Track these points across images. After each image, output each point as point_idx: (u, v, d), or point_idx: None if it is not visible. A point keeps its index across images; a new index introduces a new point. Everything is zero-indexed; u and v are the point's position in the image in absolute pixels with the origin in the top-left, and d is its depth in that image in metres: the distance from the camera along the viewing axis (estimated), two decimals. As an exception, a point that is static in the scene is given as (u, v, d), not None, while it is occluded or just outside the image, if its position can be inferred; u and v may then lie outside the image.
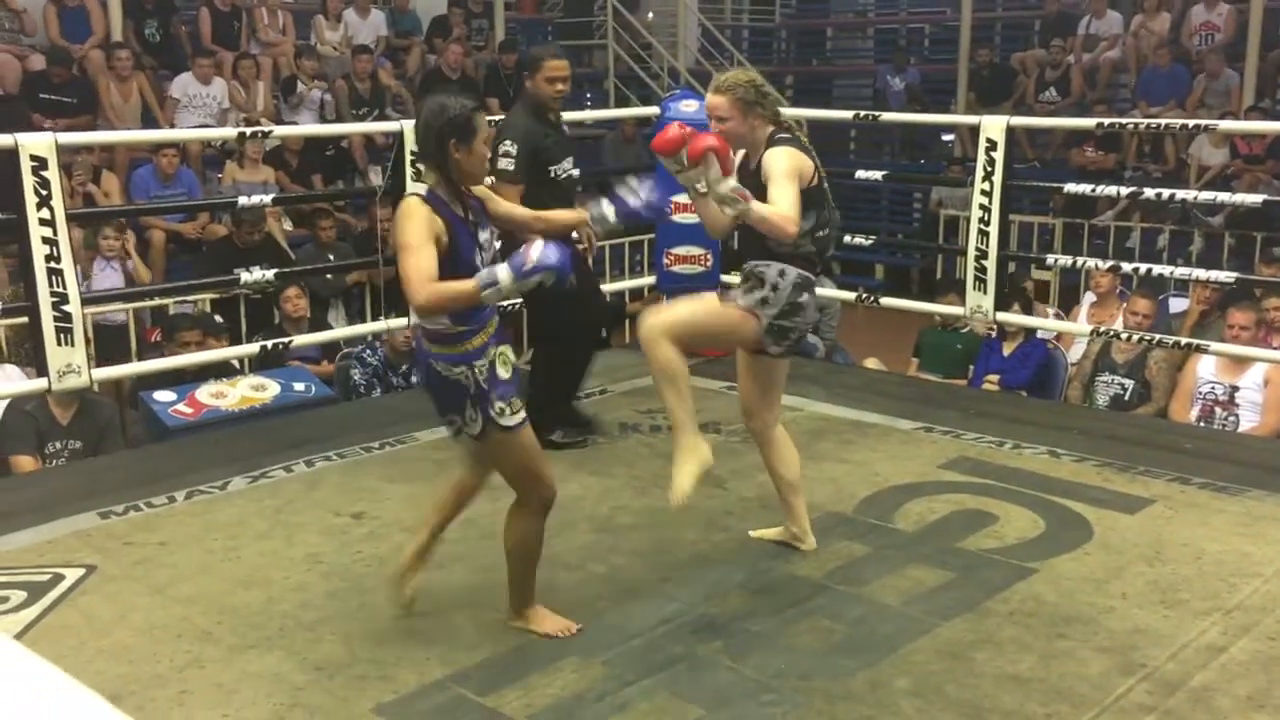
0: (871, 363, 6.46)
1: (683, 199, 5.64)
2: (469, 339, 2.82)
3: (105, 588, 3.32)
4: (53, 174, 4.04)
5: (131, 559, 3.51)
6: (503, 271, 2.68)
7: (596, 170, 9.88)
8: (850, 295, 6.20)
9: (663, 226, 5.74)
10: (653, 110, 6.28)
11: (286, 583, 3.34)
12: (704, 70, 12.20)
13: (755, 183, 3.14)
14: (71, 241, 4.23)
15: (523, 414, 2.90)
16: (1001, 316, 5.33)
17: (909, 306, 6.14)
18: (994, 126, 5.01)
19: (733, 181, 3.02)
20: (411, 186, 4.93)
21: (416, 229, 2.71)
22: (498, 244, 2.96)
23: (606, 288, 7.03)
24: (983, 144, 5.01)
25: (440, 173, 2.81)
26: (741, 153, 3.28)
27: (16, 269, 6.23)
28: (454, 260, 2.75)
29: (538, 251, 2.68)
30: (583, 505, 3.93)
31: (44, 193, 4.01)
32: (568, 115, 9.06)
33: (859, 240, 6.37)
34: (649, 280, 6.43)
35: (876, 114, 6.53)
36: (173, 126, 8.33)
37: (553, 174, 4.41)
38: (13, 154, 4.00)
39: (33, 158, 4.00)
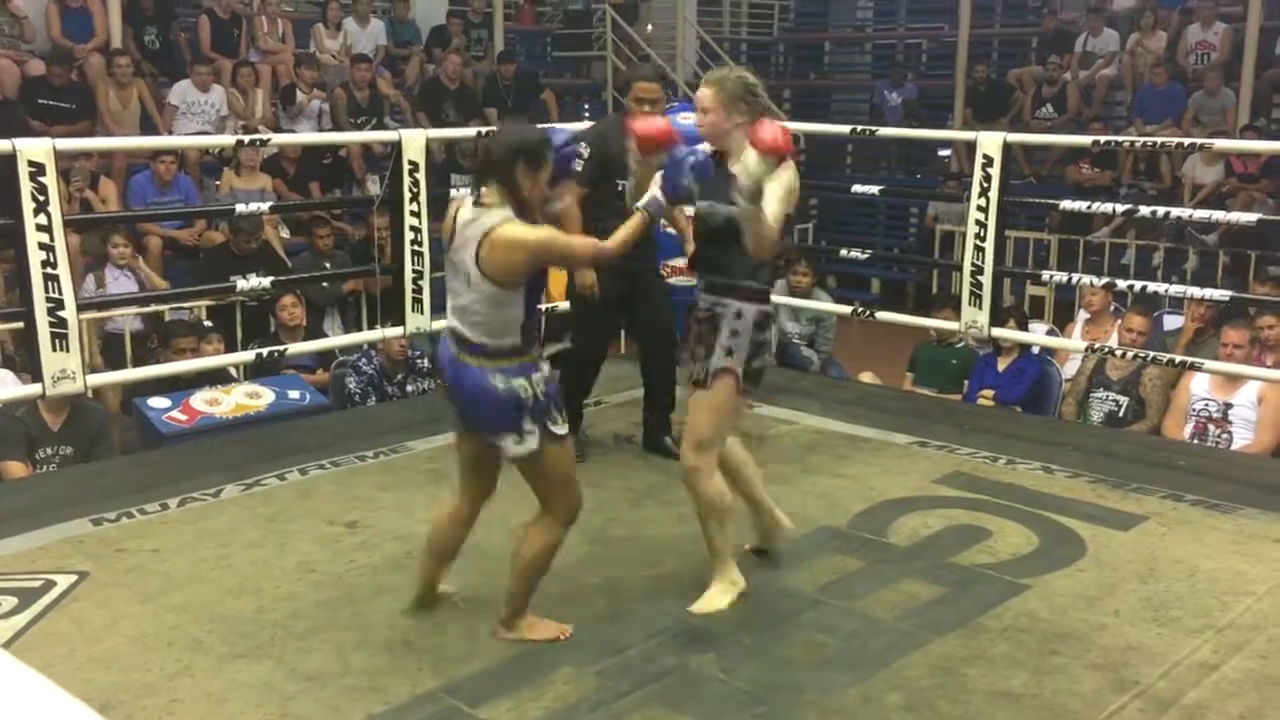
0: (867, 377, 6.47)
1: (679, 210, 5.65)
2: (533, 348, 2.89)
3: (97, 595, 3.30)
4: (50, 180, 4.04)
5: (123, 566, 3.50)
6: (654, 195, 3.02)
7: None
8: (846, 309, 6.20)
9: (661, 237, 5.72)
10: (651, 122, 6.28)
11: (278, 592, 3.33)
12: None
13: (725, 187, 3.09)
14: (69, 247, 4.23)
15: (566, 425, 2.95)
16: (997, 332, 5.34)
17: (905, 321, 6.14)
18: (991, 143, 5.02)
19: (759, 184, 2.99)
20: (407, 194, 4.94)
21: (533, 229, 2.81)
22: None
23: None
24: (979, 160, 5.02)
25: (511, 194, 2.84)
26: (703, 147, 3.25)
27: (12, 275, 6.24)
28: (532, 283, 2.86)
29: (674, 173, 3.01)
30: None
31: (41, 198, 4.01)
32: (563, 128, 9.15)
33: (855, 254, 6.37)
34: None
35: (874, 129, 6.54)
36: (171, 133, 8.33)
37: (619, 187, 4.23)
38: (10, 159, 3.99)
39: (30, 163, 4.00)
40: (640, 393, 4.75)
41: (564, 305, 4.93)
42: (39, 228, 4.02)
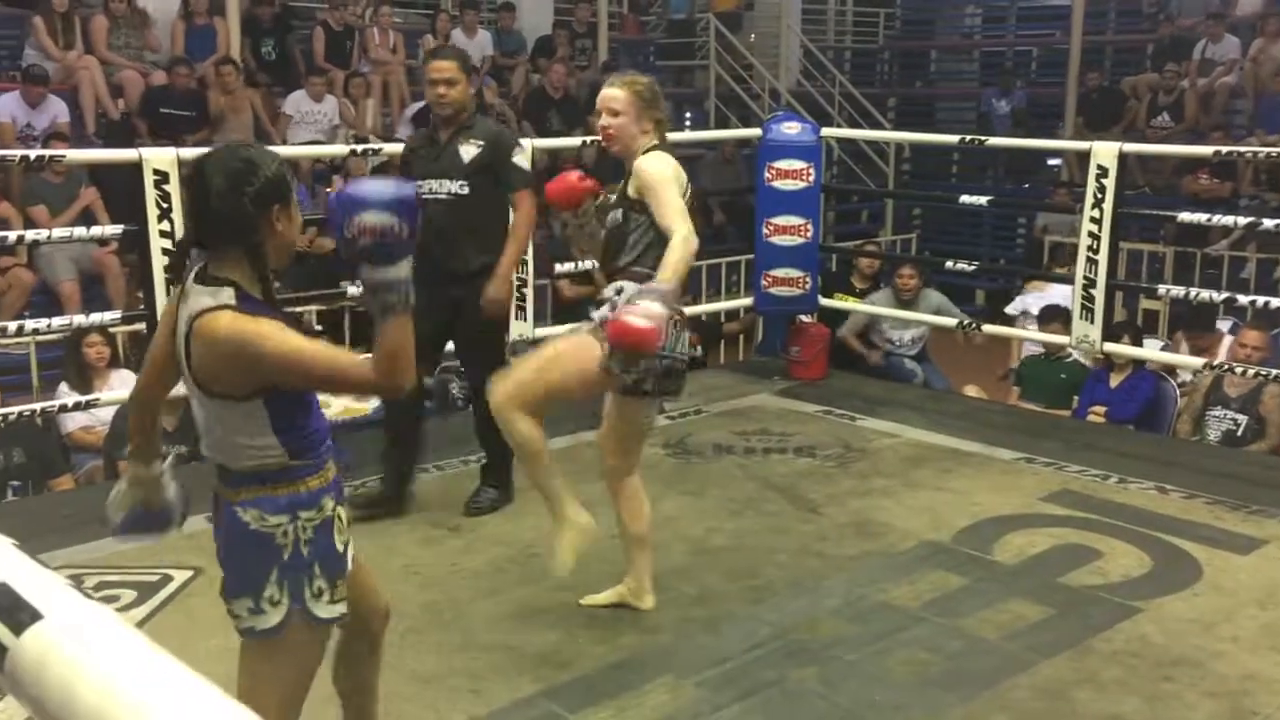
0: (971, 390, 6.35)
1: (781, 220, 5.64)
2: (305, 476, 2.02)
3: (211, 590, 3.37)
4: (174, 187, 4.19)
5: (236, 563, 3.60)
6: (386, 271, 1.85)
7: (695, 191, 9.93)
8: (952, 322, 6.11)
9: (762, 247, 5.72)
10: (753, 132, 6.27)
11: (384, 592, 3.39)
12: (805, 91, 12.19)
13: (622, 198, 3.02)
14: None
15: (343, 607, 2.09)
16: (1109, 347, 5.20)
17: (1012, 335, 6.01)
18: (1106, 153, 4.90)
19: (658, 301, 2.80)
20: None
21: (273, 337, 1.93)
22: None
23: (703, 308, 7.05)
24: (1093, 170, 4.90)
25: (250, 257, 1.98)
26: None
27: (135, 277, 6.48)
28: (277, 395, 2.00)
29: (371, 215, 1.82)
30: (677, 525, 3.93)
31: (165, 205, 4.16)
32: (670, 135, 9.18)
33: (961, 266, 6.27)
34: (746, 301, 6.41)
35: (983, 139, 6.44)
36: (285, 142, 8.57)
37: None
38: (137, 168, 4.15)
39: (155, 171, 4.15)
40: (742, 402, 4.73)
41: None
42: (162, 234, 4.16)
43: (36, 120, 7.60)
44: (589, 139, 6.90)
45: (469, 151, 3.85)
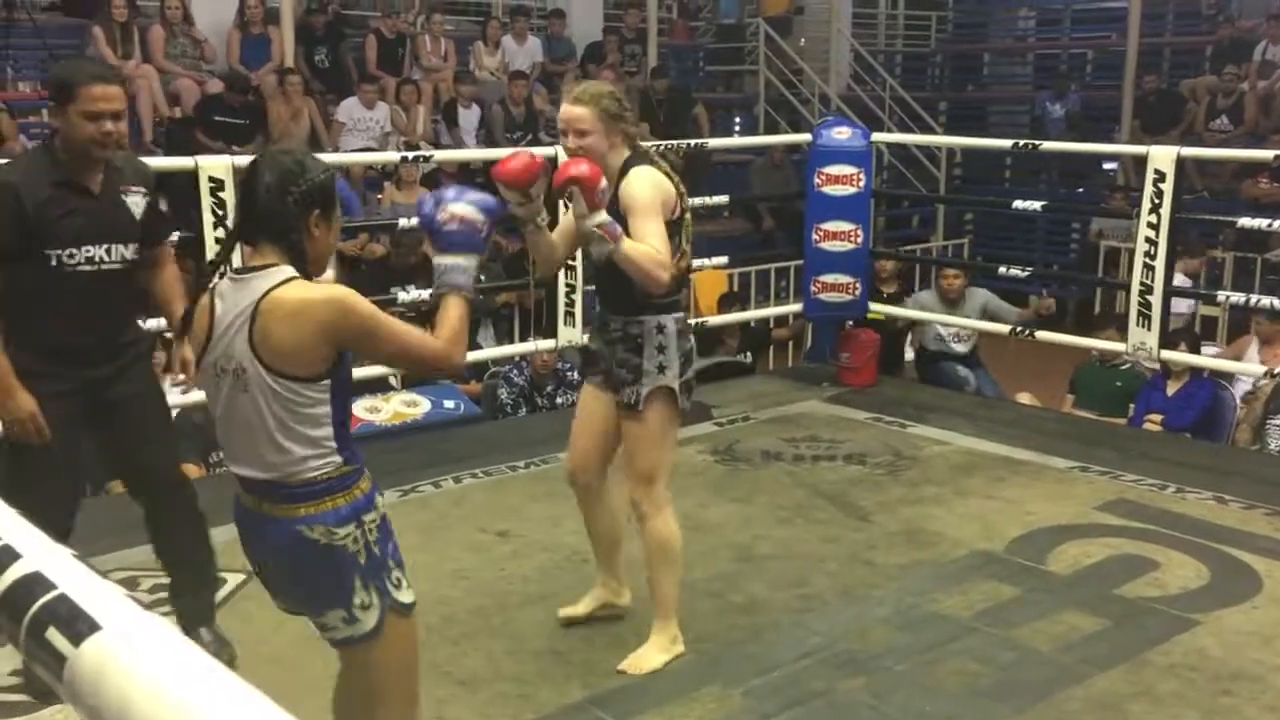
0: (1024, 397, 6.28)
1: (831, 226, 5.61)
2: (359, 480, 2.06)
3: (263, 595, 3.43)
4: (228, 195, 4.24)
5: (288, 566, 3.63)
6: (464, 259, 2.12)
7: (744, 197, 9.91)
8: (1004, 328, 6.04)
9: (811, 253, 5.69)
10: (803, 137, 6.25)
11: (433, 596, 3.41)
12: (855, 96, 12.11)
13: (613, 214, 2.81)
14: (244, 259, 4.43)
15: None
16: (1166, 355, 5.11)
17: (1066, 341, 5.92)
18: (1163, 157, 4.82)
19: (600, 216, 2.68)
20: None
21: (360, 302, 2.02)
22: None
23: (752, 314, 7.03)
24: (1150, 175, 4.82)
25: (292, 255, 2.02)
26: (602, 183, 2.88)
27: (192, 284, 6.56)
28: (343, 374, 2.06)
29: (469, 206, 2.13)
30: (724, 532, 3.92)
31: (220, 212, 4.22)
32: (716, 141, 9.16)
33: (1014, 272, 6.19)
34: (795, 308, 6.38)
35: (1037, 143, 6.36)
36: (337, 149, 8.66)
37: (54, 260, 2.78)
38: (193, 175, 4.21)
39: (211, 179, 4.21)
40: (790, 409, 4.70)
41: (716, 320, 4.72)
42: (217, 241, 4.22)
43: (96, 128, 7.74)
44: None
45: None
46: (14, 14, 8.37)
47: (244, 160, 4.89)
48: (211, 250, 4.20)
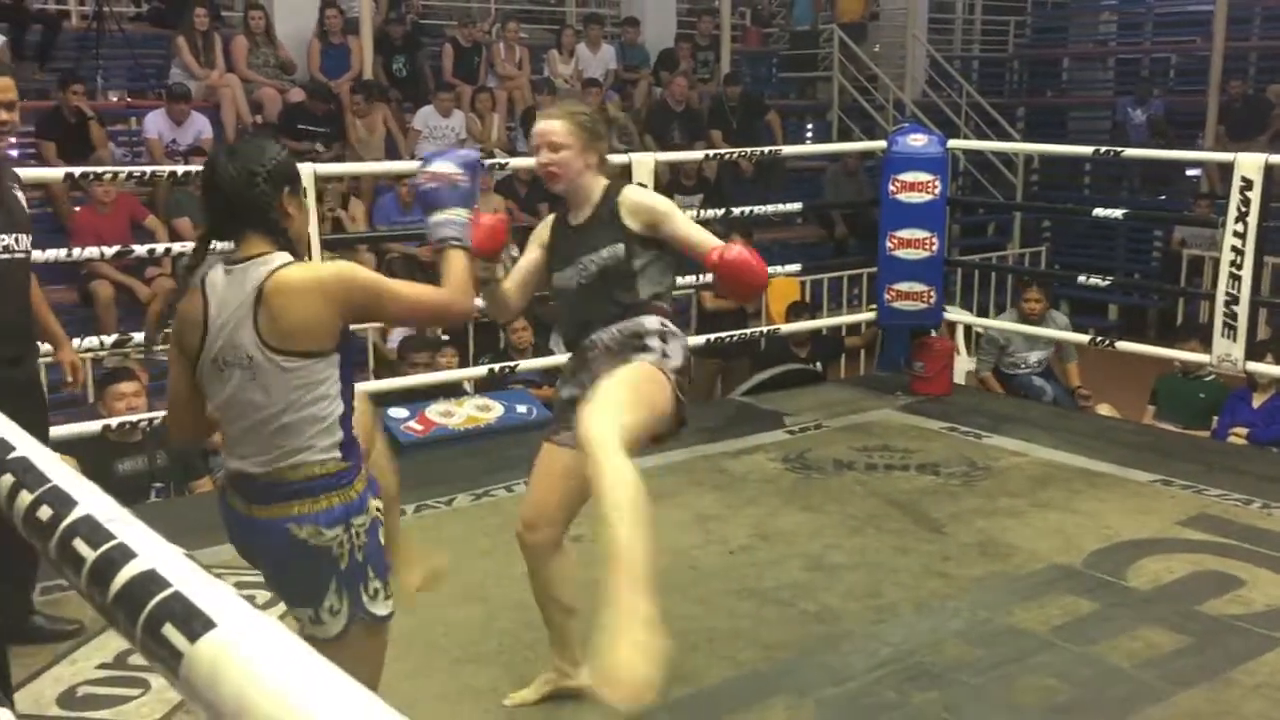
0: (1103, 409, 6.16)
1: (905, 234, 5.55)
2: (353, 480, 2.06)
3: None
4: (310, 201, 4.32)
5: (364, 567, 3.69)
6: (452, 212, 2.21)
7: (817, 204, 9.87)
8: (1084, 338, 5.94)
9: (885, 260, 5.65)
10: (878, 144, 6.20)
11: (506, 600, 3.45)
12: (931, 102, 11.99)
13: (603, 233, 2.67)
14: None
15: (392, 603, 2.16)
16: (1253, 367, 4.99)
17: (1148, 352, 5.81)
18: (1251, 164, 4.70)
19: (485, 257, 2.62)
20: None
21: (358, 270, 2.11)
22: None
23: (824, 322, 6.99)
24: (1237, 182, 4.71)
25: (273, 238, 2.06)
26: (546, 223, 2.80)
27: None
28: (350, 346, 2.12)
29: (449, 161, 2.24)
30: (795, 541, 3.90)
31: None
32: (789, 149, 9.13)
33: (1094, 280, 6.08)
34: (868, 316, 6.33)
35: (1118, 150, 6.24)
36: (414, 157, 8.78)
37: None
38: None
39: (292, 186, 4.29)
40: (861, 417, 4.67)
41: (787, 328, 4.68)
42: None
43: (181, 136, 7.94)
44: (711, 152, 6.93)
45: None
46: (104, 24, 8.63)
47: (325, 168, 5.00)
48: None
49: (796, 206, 7.05)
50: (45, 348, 4.06)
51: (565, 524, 2.78)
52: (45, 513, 1.05)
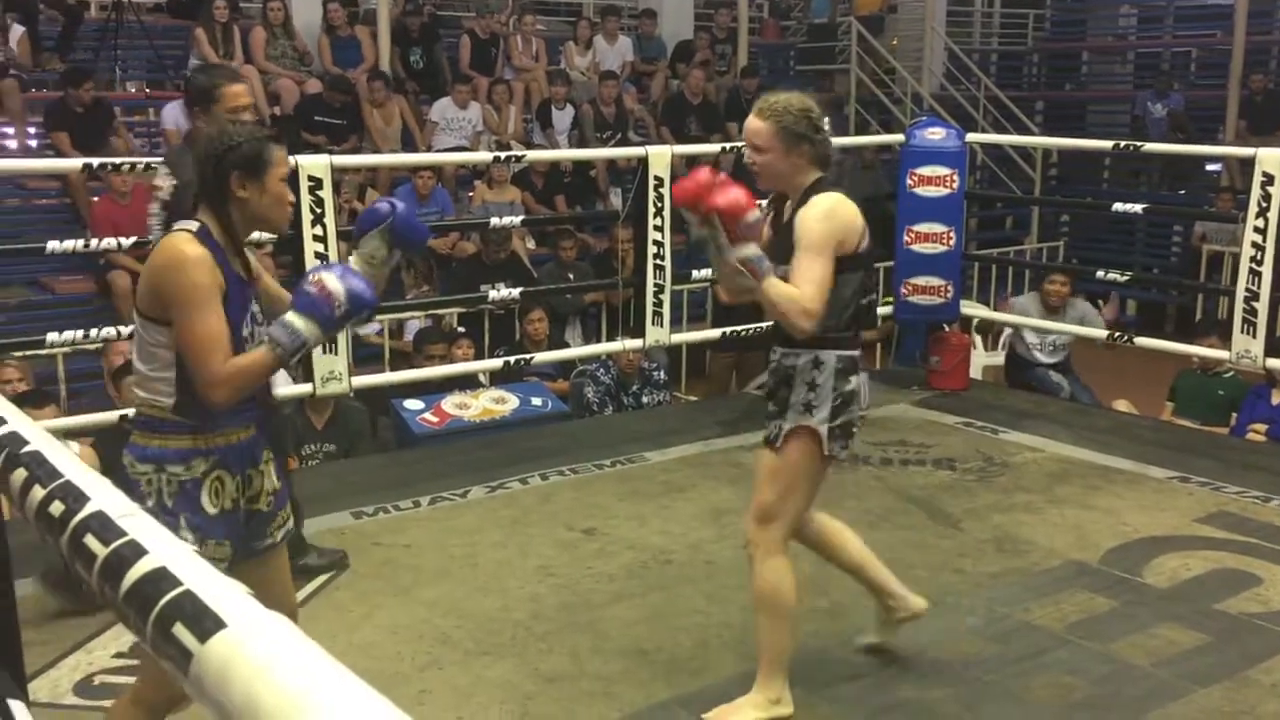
0: (1121, 405, 6.12)
1: (923, 227, 5.53)
2: (175, 434, 2.16)
3: (356, 585, 3.51)
4: (326, 193, 4.33)
5: (379, 559, 3.70)
6: (302, 323, 2.09)
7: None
8: (1102, 333, 5.90)
9: (902, 255, 5.62)
10: (896, 137, 6.17)
11: (521, 592, 3.45)
12: (949, 95, 11.93)
13: (787, 241, 2.60)
14: (340, 255, 4.51)
15: (223, 565, 2.11)
16: (1273, 363, 4.95)
17: (1166, 348, 5.77)
18: (1271, 159, 4.66)
19: (747, 250, 2.50)
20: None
21: (201, 280, 2.10)
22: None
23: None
24: (1258, 177, 4.67)
25: (216, 215, 2.19)
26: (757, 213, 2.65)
27: (290, 278, 6.71)
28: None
29: (341, 282, 2.11)
30: (811, 536, 3.89)
31: (318, 210, 4.30)
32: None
33: (1113, 276, 6.04)
34: (884, 310, 6.31)
35: (1139, 144, 6.20)
36: (430, 148, 8.79)
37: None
38: (292, 174, 4.30)
39: (310, 178, 4.30)
40: (877, 411, 4.64)
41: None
42: (315, 238, 4.31)
43: (199, 127, 7.96)
44: (727, 145, 6.91)
45: None
46: (123, 15, 8.65)
47: (342, 160, 4.99)
48: (310, 248, 4.29)
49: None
50: (65, 335, 4.10)
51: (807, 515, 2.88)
52: (57, 508, 1.05)
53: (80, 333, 4.19)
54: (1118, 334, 5.69)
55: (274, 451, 2.35)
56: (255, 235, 2.77)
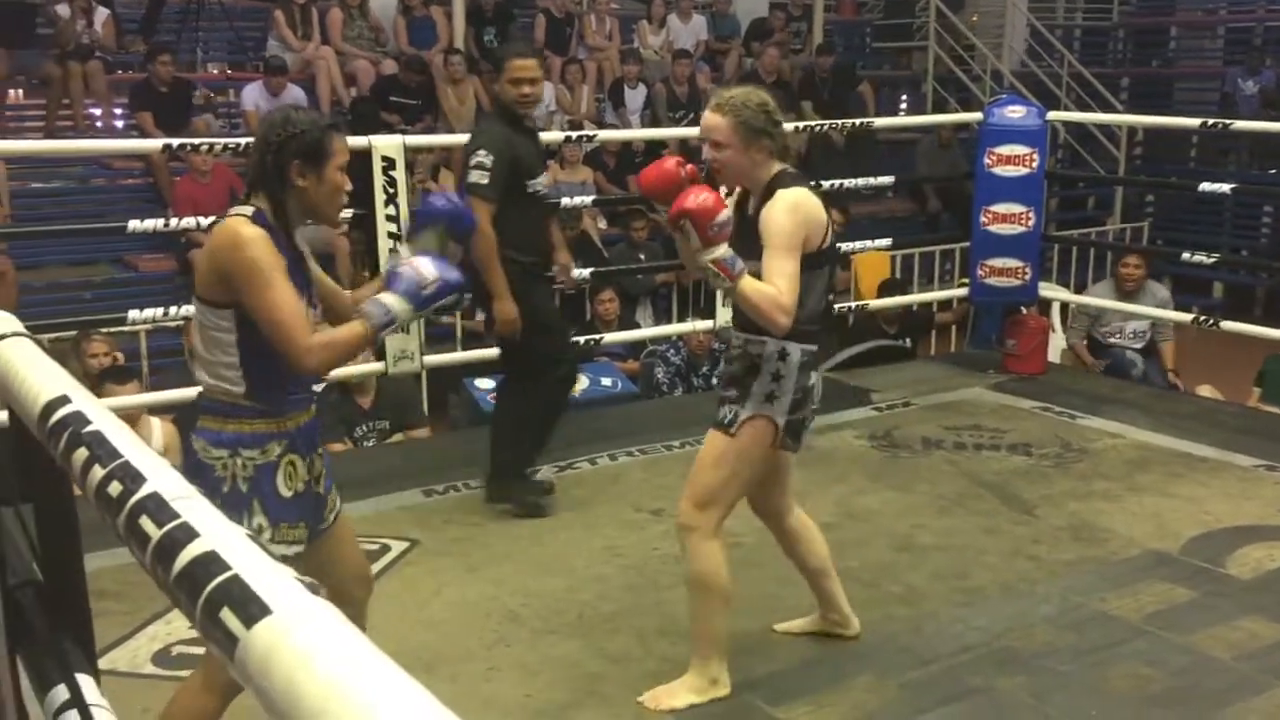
0: (1205, 390, 5.95)
1: (1000, 208, 5.42)
2: (249, 418, 2.17)
3: (426, 562, 3.55)
4: (399, 173, 4.36)
5: (449, 536, 3.74)
6: (394, 300, 2.15)
7: (910, 177, 9.69)
8: (1187, 317, 5.74)
9: (979, 236, 5.52)
10: (974, 116, 6.04)
11: (587, 572, 3.46)
12: (1029, 73, 11.67)
13: (752, 236, 2.56)
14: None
15: (298, 548, 2.21)
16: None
17: (1254, 332, 5.59)
18: (1369, 136, 4.48)
19: (719, 252, 2.46)
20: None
21: (264, 255, 2.10)
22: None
23: (914, 298, 6.86)
24: (1354, 155, 4.49)
25: (271, 201, 2.19)
26: (731, 197, 2.67)
27: (359, 256, 6.80)
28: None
29: (432, 266, 2.18)
30: (881, 520, 3.85)
31: (391, 190, 4.34)
32: (882, 121, 8.95)
33: (1198, 258, 5.87)
34: (960, 292, 6.21)
35: (1228, 121, 6.00)
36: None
37: (529, 188, 3.84)
38: (366, 154, 4.34)
39: (383, 158, 4.34)
40: (951, 395, 4.58)
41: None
42: (388, 217, 4.35)
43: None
44: (802, 124, 6.83)
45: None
46: (204, -2, 8.79)
47: (415, 140, 5.01)
48: (383, 228, 4.33)
49: (889, 180, 6.90)
50: (146, 313, 4.17)
51: (783, 503, 2.93)
52: (115, 488, 1.06)
53: (160, 310, 4.28)
54: (1203, 317, 5.53)
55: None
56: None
